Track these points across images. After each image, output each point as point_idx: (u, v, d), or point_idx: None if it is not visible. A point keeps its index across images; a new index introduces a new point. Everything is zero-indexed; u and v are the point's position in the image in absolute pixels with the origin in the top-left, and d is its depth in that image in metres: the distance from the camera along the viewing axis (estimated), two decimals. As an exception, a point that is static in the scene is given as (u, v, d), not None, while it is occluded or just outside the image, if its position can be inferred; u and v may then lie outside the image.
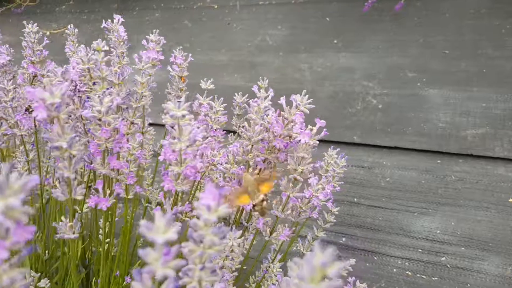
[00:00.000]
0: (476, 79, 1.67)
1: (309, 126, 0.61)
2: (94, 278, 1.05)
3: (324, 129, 0.63)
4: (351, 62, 1.88)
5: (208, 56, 2.19)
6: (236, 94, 1.07)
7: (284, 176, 0.66)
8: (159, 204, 1.03)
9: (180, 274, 0.38)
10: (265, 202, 0.64)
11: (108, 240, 0.89)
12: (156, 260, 0.30)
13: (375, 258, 1.35)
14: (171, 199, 0.70)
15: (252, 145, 0.64)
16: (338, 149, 0.95)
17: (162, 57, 0.88)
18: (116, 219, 0.92)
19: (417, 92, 1.71)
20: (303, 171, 0.63)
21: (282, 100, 0.63)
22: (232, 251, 0.58)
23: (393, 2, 1.97)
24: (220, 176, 0.72)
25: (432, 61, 1.78)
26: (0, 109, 0.85)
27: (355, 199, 1.45)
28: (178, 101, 0.49)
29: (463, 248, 1.30)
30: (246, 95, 1.08)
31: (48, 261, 1.16)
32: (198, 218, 0.37)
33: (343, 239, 1.39)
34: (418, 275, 1.29)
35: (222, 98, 0.87)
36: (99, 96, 0.52)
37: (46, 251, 1.15)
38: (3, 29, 1.02)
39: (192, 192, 0.96)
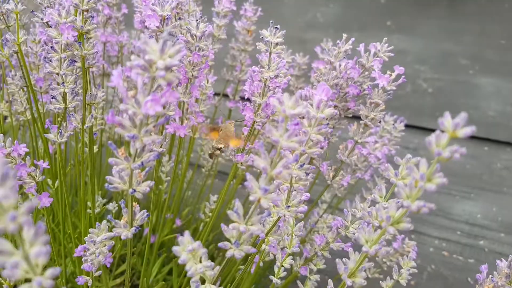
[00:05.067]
0: (531, 71, 1.63)
1: (388, 72, 0.63)
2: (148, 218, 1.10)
3: (402, 76, 0.64)
4: (404, 45, 1.87)
5: (254, 33, 2.21)
6: (297, 54, 1.09)
7: (352, 123, 0.69)
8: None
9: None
10: (218, 152, 0.79)
11: (168, 178, 0.94)
12: (281, 135, 0.33)
13: (412, 236, 1.36)
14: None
15: (325, 90, 0.67)
16: (395, 116, 0.96)
17: (234, 8, 0.91)
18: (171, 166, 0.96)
19: (468, 80, 1.70)
20: (375, 117, 0.65)
21: (361, 47, 0.65)
22: (299, 179, 0.61)
23: (452, -12, 1.94)
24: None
25: (486, 50, 1.75)
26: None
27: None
28: (275, 28, 0.51)
29: (502, 234, 1.30)
30: (308, 56, 1.11)
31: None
32: (302, 117, 0.39)
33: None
34: (454, 256, 1.30)
35: (290, 50, 0.89)
36: (197, 20, 0.56)
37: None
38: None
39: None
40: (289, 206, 0.44)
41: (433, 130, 1.30)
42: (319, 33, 2.06)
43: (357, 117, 0.76)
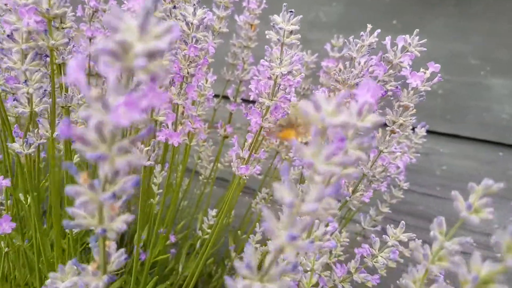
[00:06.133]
0: (545, 72, 1.55)
1: (421, 69, 0.53)
2: (137, 233, 1.00)
3: (438, 75, 0.55)
4: (411, 43, 1.77)
5: (258, 28, 2.11)
6: (305, 53, 1.00)
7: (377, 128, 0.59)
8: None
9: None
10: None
11: (160, 191, 0.83)
12: (315, 155, 0.22)
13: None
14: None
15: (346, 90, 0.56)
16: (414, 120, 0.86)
17: (236, -1, 0.81)
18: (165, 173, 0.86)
19: (480, 81, 1.60)
20: (404, 123, 0.55)
21: (387, 40, 0.55)
22: (329, 207, 0.51)
23: (461, -15, 1.85)
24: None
25: (497, 50, 1.66)
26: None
27: (408, 185, 1.37)
28: (290, 11, 0.41)
29: (522, 247, 1.21)
30: (316, 54, 1.01)
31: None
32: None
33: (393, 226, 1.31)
34: (471, 270, 1.20)
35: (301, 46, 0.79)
36: (194, 5, 0.45)
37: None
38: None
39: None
40: (312, 241, 0.34)
41: (444, 134, 1.20)
42: (322, 33, 1.97)
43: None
